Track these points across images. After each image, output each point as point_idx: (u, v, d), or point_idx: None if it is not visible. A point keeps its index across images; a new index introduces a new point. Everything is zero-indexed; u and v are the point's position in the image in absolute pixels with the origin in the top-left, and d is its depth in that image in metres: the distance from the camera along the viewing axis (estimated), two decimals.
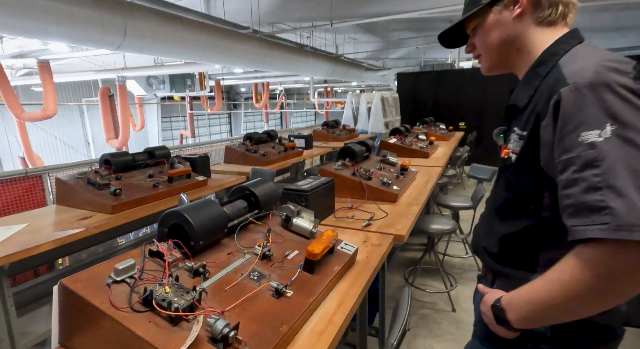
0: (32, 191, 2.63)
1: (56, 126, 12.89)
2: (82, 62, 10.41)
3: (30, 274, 2.58)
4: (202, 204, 1.14)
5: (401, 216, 1.89)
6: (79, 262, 2.83)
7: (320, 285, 1.10)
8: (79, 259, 2.88)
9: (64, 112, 13.16)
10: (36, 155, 8.70)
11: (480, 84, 7.13)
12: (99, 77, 9.51)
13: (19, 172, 2.56)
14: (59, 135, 13.14)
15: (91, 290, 0.86)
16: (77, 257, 2.87)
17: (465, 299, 2.41)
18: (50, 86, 6.64)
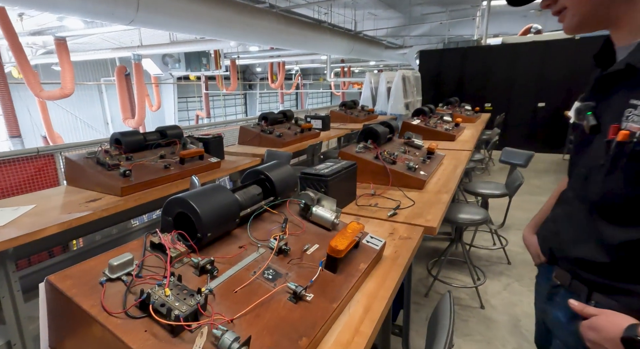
0: (44, 171, 2.58)
1: (76, 106, 13.10)
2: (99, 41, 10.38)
3: (45, 255, 2.57)
4: (210, 189, 1.00)
5: (430, 204, 1.71)
6: (92, 243, 2.81)
7: (345, 287, 0.95)
8: (92, 241, 2.86)
9: (83, 91, 13.32)
10: (57, 134, 8.85)
11: (510, 61, 6.67)
12: (115, 55, 9.46)
13: (30, 150, 2.50)
14: (79, 115, 13.35)
15: (81, 290, 0.74)
16: (90, 238, 2.84)
17: (494, 295, 2.24)
18: (68, 64, 6.61)
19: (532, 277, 2.46)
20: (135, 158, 2.28)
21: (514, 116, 6.66)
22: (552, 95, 6.37)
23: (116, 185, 1.95)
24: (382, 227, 1.47)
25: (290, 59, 13.76)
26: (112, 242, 2.92)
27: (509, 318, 2.03)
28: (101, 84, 13.65)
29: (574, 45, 6.10)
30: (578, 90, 4.89)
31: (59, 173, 2.65)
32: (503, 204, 3.70)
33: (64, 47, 6.68)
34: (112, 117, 14.01)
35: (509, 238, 3.00)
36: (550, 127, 6.45)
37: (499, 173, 5.16)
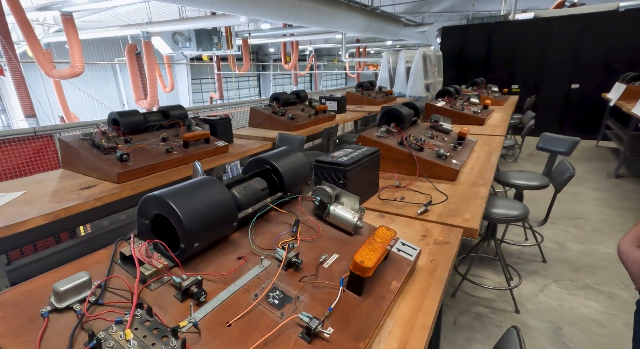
0: (43, 153, 2.42)
1: (92, 86, 13.10)
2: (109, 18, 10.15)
3: (51, 241, 2.45)
4: (197, 185, 0.78)
5: (466, 199, 1.46)
6: (101, 229, 2.68)
7: (374, 316, 0.73)
8: (100, 226, 2.72)
9: (98, 72, 13.28)
10: (74, 115, 8.83)
11: (542, 38, 6.12)
12: (124, 32, 9.24)
13: (27, 131, 2.33)
14: (95, 95, 13.35)
15: (13, 326, 0.54)
16: (98, 224, 2.71)
17: (530, 298, 2.00)
18: (76, 41, 6.44)
19: (571, 278, 2.21)
20: (134, 141, 2.08)
21: (544, 99, 6.17)
22: (588, 75, 5.84)
23: (112, 171, 1.76)
24: (412, 227, 1.24)
25: (304, 38, 13.26)
26: (120, 229, 2.79)
27: (549, 325, 1.80)
28: (115, 63, 13.55)
29: (617, 17, 5.51)
30: (619, 69, 4.38)
31: (58, 155, 2.49)
32: (533, 194, 3.41)
33: (70, 23, 6.48)
34: (128, 98, 13.97)
35: (543, 233, 2.72)
36: (584, 111, 5.95)
37: (527, 161, 4.80)
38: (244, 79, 19.17)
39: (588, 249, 2.52)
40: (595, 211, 3.14)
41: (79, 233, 2.66)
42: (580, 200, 3.39)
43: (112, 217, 2.79)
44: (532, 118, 3.35)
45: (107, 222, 2.78)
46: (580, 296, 2.03)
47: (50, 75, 6.71)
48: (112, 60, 13.49)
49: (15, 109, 10.16)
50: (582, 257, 2.42)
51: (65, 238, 2.55)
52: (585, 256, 2.44)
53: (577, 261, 2.39)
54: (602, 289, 2.09)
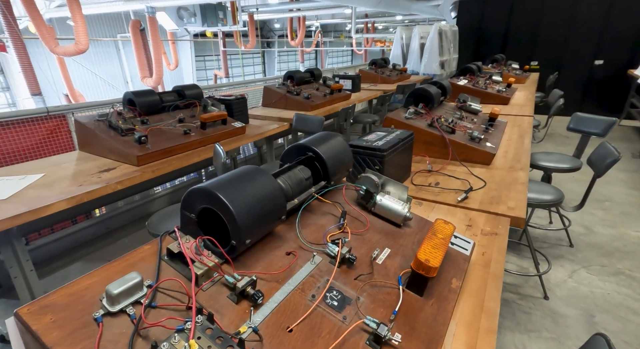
0: (56, 133, 2.36)
1: (95, 63, 12.87)
2: None
3: (68, 223, 2.44)
4: (245, 176, 0.71)
5: (507, 186, 1.38)
6: (116, 210, 2.66)
7: (441, 320, 0.67)
8: (115, 207, 2.71)
9: (100, 48, 13.01)
10: (78, 92, 8.72)
11: (566, 12, 5.79)
12: (128, 7, 8.95)
13: (39, 111, 2.26)
14: (99, 72, 13.16)
15: (65, 332, 0.49)
16: (113, 206, 2.69)
17: (559, 284, 1.95)
18: (80, 17, 6.24)
19: (602, 263, 2.15)
20: (151, 122, 2.01)
21: (566, 76, 5.92)
22: (613, 51, 5.55)
23: (131, 153, 1.70)
24: (454, 216, 1.17)
25: (311, 14, 12.79)
26: (135, 210, 2.77)
27: (581, 312, 1.76)
28: (118, 40, 13.25)
29: None
30: None
31: (72, 136, 2.43)
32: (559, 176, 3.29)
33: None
34: (132, 76, 13.76)
35: (569, 216, 2.65)
36: (608, 88, 5.71)
37: (549, 141, 4.64)
38: (248, 56, 18.72)
39: (618, 234, 2.45)
40: (623, 193, 3.04)
41: (94, 214, 2.65)
42: (606, 182, 3.28)
43: (127, 199, 2.77)
44: (560, 97, 3.19)
45: (121, 203, 2.76)
46: (612, 282, 1.98)
47: (55, 52, 6.56)
48: (114, 36, 13.18)
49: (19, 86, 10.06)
50: (612, 242, 2.36)
51: (81, 219, 2.54)
52: (615, 240, 2.38)
53: (606, 245, 2.32)
54: (635, 275, 2.03)
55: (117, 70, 14.14)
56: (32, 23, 5.94)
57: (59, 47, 6.47)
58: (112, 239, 2.52)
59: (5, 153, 2.12)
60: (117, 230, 2.67)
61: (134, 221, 2.79)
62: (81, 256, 2.19)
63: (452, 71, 6.79)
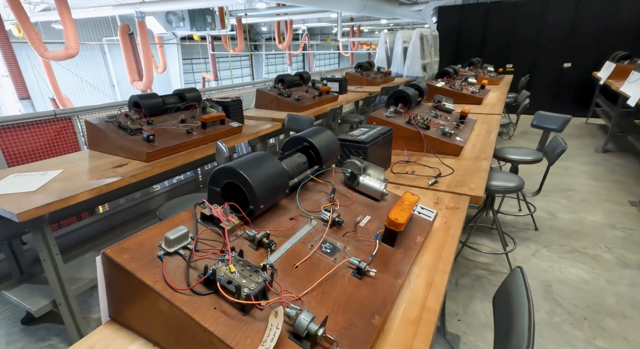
0: (63, 134, 2.51)
1: (80, 67, 12.78)
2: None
3: (73, 219, 2.59)
4: (258, 159, 0.93)
5: (471, 172, 1.63)
6: (118, 207, 2.82)
7: (406, 261, 0.90)
8: (117, 204, 2.86)
9: (86, 52, 12.93)
10: (65, 96, 8.71)
11: (537, 17, 6.19)
12: (116, 12, 9.01)
13: (47, 113, 2.41)
14: (84, 76, 13.07)
15: (140, 264, 0.70)
16: (115, 203, 2.84)
17: (524, 261, 2.23)
18: (70, 22, 6.31)
19: (561, 243, 2.44)
20: (155, 122, 2.20)
21: (538, 78, 6.32)
22: (580, 55, 5.97)
23: (142, 150, 1.89)
24: (425, 196, 1.41)
25: (297, 18, 13.03)
26: (136, 206, 2.94)
27: (540, 283, 2.03)
28: (103, 43, 13.20)
29: None
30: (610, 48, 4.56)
31: (78, 137, 2.59)
32: (527, 168, 3.61)
33: (63, 2, 6.33)
34: (119, 79, 13.71)
35: (536, 204, 2.94)
36: (575, 90, 6.13)
37: (520, 138, 4.99)
38: (236, 59, 18.82)
39: (577, 218, 2.75)
40: (585, 184, 3.37)
41: (97, 211, 2.81)
42: (571, 174, 3.61)
43: (128, 197, 2.93)
44: (526, 97, 3.51)
45: (123, 200, 2.92)
46: (569, 258, 2.27)
47: (44, 57, 6.61)
48: (99, 40, 13.13)
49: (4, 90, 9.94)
50: (571, 225, 2.65)
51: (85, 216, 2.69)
52: (575, 224, 2.68)
53: (567, 228, 2.62)
54: (587, 252, 2.32)
55: (103, 73, 14.05)
56: (21, 27, 5.99)
57: (49, 51, 6.52)
58: (116, 234, 2.68)
59: (17, 153, 2.27)
60: (119, 226, 2.83)
61: (134, 218, 2.95)
62: (91, 248, 2.35)
63: (434, 73, 7.12)
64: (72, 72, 12.61)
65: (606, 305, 1.87)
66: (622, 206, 2.93)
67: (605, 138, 4.40)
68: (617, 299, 1.92)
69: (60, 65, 11.24)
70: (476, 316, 1.85)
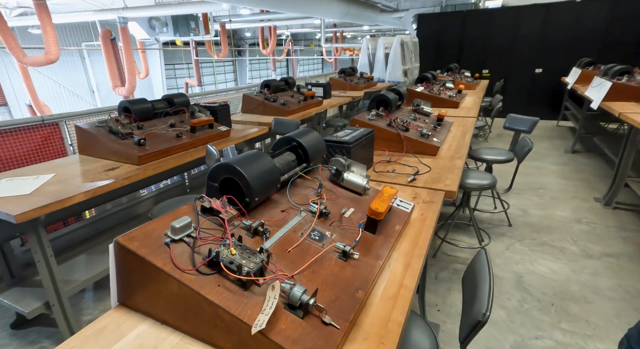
0: (50, 140, 2.53)
1: (58, 72, 12.50)
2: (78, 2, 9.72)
3: (60, 225, 2.59)
4: (253, 156, 1.02)
5: (447, 170, 1.77)
6: (105, 212, 2.83)
7: (386, 246, 1.01)
8: (104, 210, 2.88)
9: (64, 57, 12.65)
10: (43, 103, 8.53)
11: (510, 26, 6.53)
12: (97, 17, 8.91)
13: (35, 119, 2.43)
14: (62, 82, 12.78)
15: (150, 250, 0.78)
16: (102, 208, 2.86)
17: (498, 254, 2.38)
18: (50, 27, 6.23)
19: (532, 237, 2.61)
20: (145, 127, 2.26)
21: (512, 83, 6.65)
22: (550, 61, 6.33)
23: (133, 154, 1.94)
24: (405, 192, 1.53)
25: (281, 24, 13.19)
26: (123, 211, 2.95)
27: (512, 274, 2.18)
28: (82, 49, 12.96)
29: (575, 7, 5.98)
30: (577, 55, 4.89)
31: (65, 142, 2.60)
32: (502, 169, 3.82)
33: (44, 8, 6.24)
34: (99, 85, 13.46)
35: (510, 202, 3.13)
36: (547, 94, 6.48)
37: (496, 140, 5.25)
38: (220, 65, 18.78)
39: (547, 214, 2.95)
40: (554, 182, 3.60)
41: (84, 216, 2.82)
42: (542, 173, 3.84)
43: (115, 202, 2.95)
44: (500, 101, 3.72)
45: (110, 205, 2.94)
46: (539, 251, 2.44)
47: (23, 63, 6.49)
48: (78, 44, 12.90)
49: None
50: (542, 221, 2.84)
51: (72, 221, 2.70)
52: (545, 219, 2.87)
53: (538, 224, 2.80)
54: (556, 245, 2.51)
55: (82, 78, 13.77)
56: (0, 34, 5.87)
57: (28, 57, 6.41)
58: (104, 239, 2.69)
59: (4, 159, 2.28)
60: (107, 231, 2.84)
61: (122, 223, 2.96)
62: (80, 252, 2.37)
63: (415, 78, 7.37)
64: (50, 78, 12.32)
65: (571, 292, 2.04)
66: (587, 202, 3.16)
67: (574, 139, 4.69)
68: (581, 286, 2.09)
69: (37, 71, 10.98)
70: (454, 306, 1.98)
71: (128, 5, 8.29)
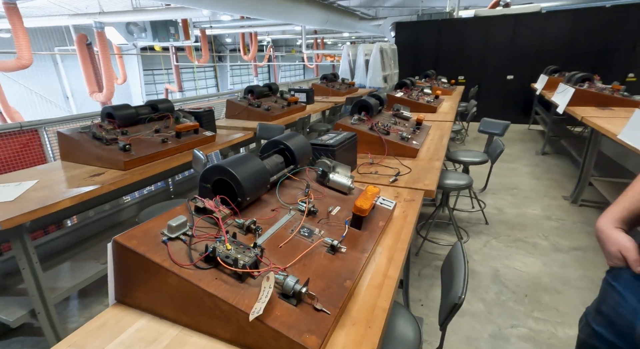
0: (29, 147, 2.48)
1: (30, 78, 12.06)
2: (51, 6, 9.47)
3: (40, 233, 2.53)
4: (244, 158, 1.08)
5: (426, 171, 1.87)
6: (87, 220, 2.78)
7: (370, 241, 1.09)
8: (86, 217, 2.83)
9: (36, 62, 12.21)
10: (13, 109, 8.21)
11: (483, 35, 6.85)
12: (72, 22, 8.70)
13: (13, 126, 2.38)
14: (35, 88, 12.34)
15: (149, 247, 0.82)
16: (84, 215, 2.81)
17: (476, 251, 2.51)
18: (22, 31, 6.05)
19: (507, 234, 2.76)
20: (130, 133, 2.26)
21: (486, 88, 6.95)
22: (520, 68, 6.68)
23: (119, 159, 1.95)
24: (387, 191, 1.61)
25: (262, 30, 13.25)
26: (105, 219, 2.91)
27: (490, 269, 2.30)
28: (55, 54, 12.57)
29: (541, 18, 6.35)
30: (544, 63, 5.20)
31: (45, 149, 2.55)
32: (478, 170, 4.00)
33: (15, 11, 6.06)
34: (73, 91, 13.07)
35: (487, 201, 3.29)
36: (518, 99, 6.81)
37: (473, 143, 5.47)
38: (200, 70, 18.61)
39: (520, 212, 3.12)
40: (527, 182, 3.80)
41: (65, 224, 2.76)
42: (515, 174, 4.05)
43: (97, 209, 2.90)
44: (474, 106, 3.91)
45: (92, 212, 2.89)
46: (513, 247, 2.58)
47: None
48: (51, 49, 12.51)
49: None
50: (516, 219, 3.01)
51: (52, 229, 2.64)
52: (518, 217, 3.03)
53: (512, 221, 2.96)
54: (528, 241, 2.66)
55: (55, 84, 13.33)
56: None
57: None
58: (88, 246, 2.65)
59: None
60: (89, 239, 2.79)
61: (105, 230, 2.91)
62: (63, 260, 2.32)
63: (394, 84, 7.59)
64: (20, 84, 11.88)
65: (542, 284, 2.18)
66: (556, 201, 3.36)
67: (543, 142, 4.96)
68: (551, 278, 2.23)
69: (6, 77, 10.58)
70: (436, 300, 2.08)
71: (105, 10, 8.16)
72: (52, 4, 9.38)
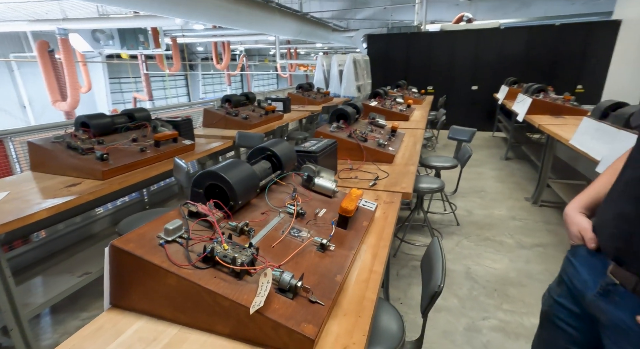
0: None
1: None
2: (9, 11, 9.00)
3: (5, 248, 2.39)
4: (234, 164, 1.12)
5: (402, 175, 1.98)
6: (56, 233, 2.67)
7: (356, 240, 1.16)
8: (55, 230, 2.70)
9: None
10: None
11: (449, 48, 7.26)
12: (32, 28, 8.30)
13: None
14: None
15: (146, 250, 0.85)
16: (53, 228, 2.68)
17: (449, 250, 2.65)
18: None
19: (477, 234, 2.93)
20: (106, 142, 2.22)
21: (453, 98, 7.34)
22: (484, 79, 7.13)
23: (96, 169, 1.91)
24: (367, 195, 1.70)
25: (235, 39, 13.26)
26: (76, 231, 2.80)
27: (462, 267, 2.44)
28: (10, 60, 11.88)
29: (500, 34, 6.85)
30: (504, 74, 5.61)
31: (11, 160, 2.44)
32: (449, 174, 4.21)
33: None
34: (31, 99, 12.36)
35: (457, 204, 3.48)
36: (483, 108, 7.25)
37: (443, 149, 5.75)
38: (171, 79, 18.22)
39: (488, 213, 3.32)
40: (493, 185, 4.05)
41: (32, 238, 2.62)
42: (482, 178, 4.30)
43: (68, 221, 2.79)
44: (443, 114, 4.14)
45: (62, 225, 2.77)
46: (482, 245, 2.75)
47: None
48: (6, 56, 11.82)
49: None
50: (484, 219, 3.20)
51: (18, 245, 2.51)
52: (486, 218, 3.23)
53: (481, 222, 3.15)
54: (496, 239, 2.84)
55: (10, 93, 12.57)
56: None
57: None
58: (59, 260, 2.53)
59: None
60: (60, 252, 2.67)
61: (76, 243, 2.80)
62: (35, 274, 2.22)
63: (367, 93, 7.83)
64: None
65: (509, 278, 2.34)
66: (519, 202, 3.61)
67: (506, 148, 5.31)
68: (517, 273, 2.40)
69: None
70: (414, 298, 2.18)
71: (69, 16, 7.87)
72: (10, 9, 8.92)
